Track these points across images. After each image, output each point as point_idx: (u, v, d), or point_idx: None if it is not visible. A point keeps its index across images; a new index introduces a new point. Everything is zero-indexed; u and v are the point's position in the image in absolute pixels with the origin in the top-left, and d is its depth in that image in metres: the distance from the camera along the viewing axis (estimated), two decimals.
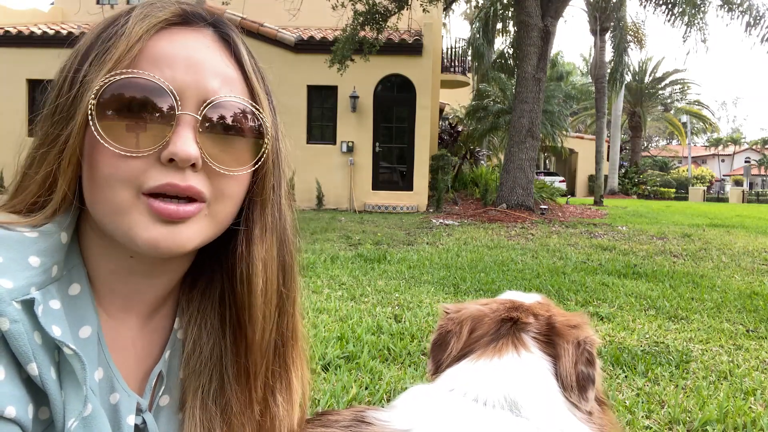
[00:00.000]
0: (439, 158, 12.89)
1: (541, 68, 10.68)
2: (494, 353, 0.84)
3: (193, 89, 0.56)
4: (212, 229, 0.59)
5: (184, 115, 0.55)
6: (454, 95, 19.44)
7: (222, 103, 0.57)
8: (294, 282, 0.68)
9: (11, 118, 11.93)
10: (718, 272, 5.01)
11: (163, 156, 0.53)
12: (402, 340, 2.65)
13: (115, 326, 0.62)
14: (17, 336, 0.47)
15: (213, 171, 0.57)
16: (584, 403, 0.79)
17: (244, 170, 0.60)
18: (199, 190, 0.55)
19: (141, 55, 0.55)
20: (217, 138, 0.57)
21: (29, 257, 0.51)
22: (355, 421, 0.74)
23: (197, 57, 0.57)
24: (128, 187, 0.53)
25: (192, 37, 0.59)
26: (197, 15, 0.61)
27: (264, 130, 0.61)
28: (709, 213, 14.44)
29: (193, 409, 0.65)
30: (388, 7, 10.97)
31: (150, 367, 0.66)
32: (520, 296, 1.00)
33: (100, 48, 0.55)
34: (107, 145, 0.52)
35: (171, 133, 0.54)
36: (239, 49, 0.62)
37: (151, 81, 0.54)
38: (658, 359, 2.51)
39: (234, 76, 0.60)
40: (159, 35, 0.57)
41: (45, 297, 0.51)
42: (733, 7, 11.70)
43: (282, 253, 0.65)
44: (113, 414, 0.59)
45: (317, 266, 4.67)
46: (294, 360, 0.70)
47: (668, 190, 30.55)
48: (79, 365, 0.51)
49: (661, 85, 35.87)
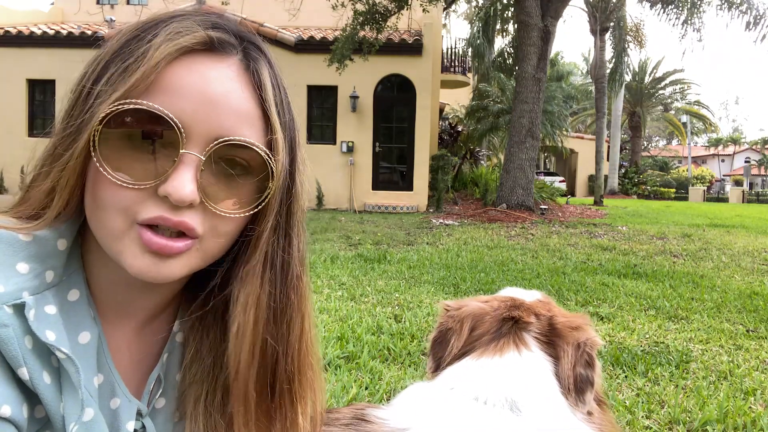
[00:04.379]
0: (439, 158, 12.89)
1: (541, 68, 10.68)
2: (495, 352, 0.84)
3: (203, 125, 0.54)
4: (200, 262, 0.58)
5: (188, 154, 0.53)
6: (454, 95, 19.43)
7: (231, 144, 0.55)
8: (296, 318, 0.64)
9: (11, 118, 11.94)
10: (718, 272, 5.01)
11: (159, 191, 0.52)
12: (402, 340, 2.65)
13: (111, 331, 0.62)
14: (6, 340, 0.47)
15: (210, 209, 0.55)
16: (581, 405, 0.79)
17: (243, 213, 0.58)
18: (191, 226, 0.54)
19: (156, 82, 0.53)
20: (221, 176, 0.56)
21: (17, 264, 0.51)
22: (355, 419, 0.74)
23: (214, 91, 0.54)
24: (122, 215, 0.53)
25: (213, 67, 0.56)
26: (225, 43, 0.57)
27: (271, 174, 0.58)
28: (709, 213, 14.44)
29: (195, 417, 0.65)
30: (388, 7, 10.97)
31: (146, 371, 0.65)
32: (521, 293, 1.00)
33: (119, 65, 0.53)
34: (105, 173, 0.52)
35: (171, 169, 0.52)
36: (264, 81, 0.59)
37: (159, 113, 0.52)
38: (658, 359, 2.51)
39: (252, 112, 0.57)
40: (179, 61, 0.54)
41: (39, 302, 0.51)
42: (732, 6, 11.71)
43: (274, 296, 0.61)
44: (113, 420, 0.59)
45: (317, 266, 4.67)
46: (302, 397, 0.66)
47: (668, 190, 30.54)
48: (72, 369, 0.51)
49: (661, 85, 35.88)
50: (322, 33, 12.52)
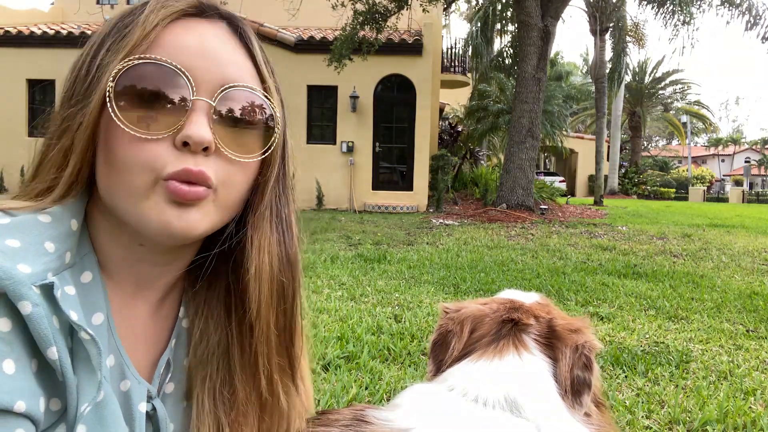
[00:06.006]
0: (439, 158, 12.89)
1: (541, 68, 10.68)
2: (495, 354, 0.84)
3: (208, 75, 0.57)
4: (219, 215, 0.60)
5: (199, 101, 0.56)
6: (454, 95, 19.43)
7: (235, 91, 0.59)
8: (296, 275, 0.68)
9: (11, 118, 11.94)
10: (718, 272, 5.01)
11: (177, 139, 0.55)
12: (402, 340, 2.65)
13: (126, 314, 0.62)
14: (39, 320, 0.47)
15: (222, 158, 0.58)
16: (578, 408, 0.79)
17: (254, 158, 0.61)
18: (207, 175, 0.56)
19: (156, 43, 0.56)
20: (229, 126, 0.59)
21: (45, 242, 0.52)
22: (355, 420, 0.74)
23: (212, 45, 0.59)
24: (147, 171, 0.54)
25: (206, 27, 0.60)
26: (212, 7, 0.62)
27: (274, 121, 0.63)
28: (709, 213, 14.44)
29: (201, 397, 0.66)
30: (388, 7, 10.97)
31: (157, 355, 0.67)
32: (520, 295, 1.00)
33: (116, 35, 0.57)
34: (124, 127, 0.53)
35: (186, 117, 0.55)
36: (252, 41, 0.63)
37: (168, 66, 0.55)
38: (658, 359, 2.51)
39: (246, 66, 0.62)
40: (174, 24, 0.58)
41: (61, 282, 0.52)
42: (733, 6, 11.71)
43: (283, 242, 0.66)
44: (125, 401, 0.60)
45: (317, 266, 4.67)
46: (299, 357, 0.71)
47: (668, 190, 30.53)
48: (95, 350, 0.52)
49: (661, 85, 35.86)
50: (322, 33, 12.52)
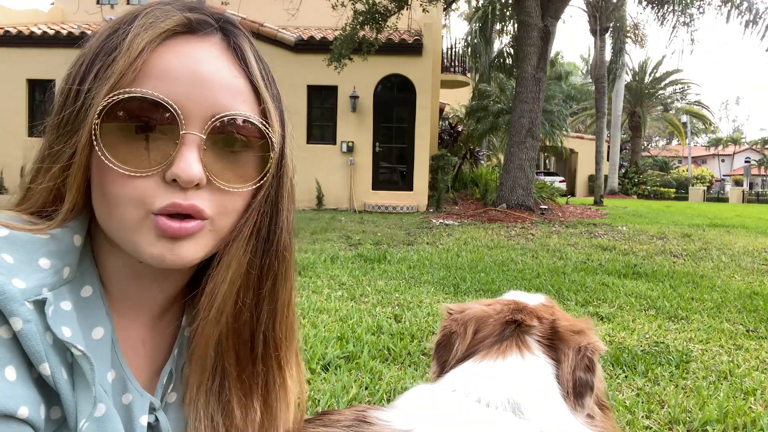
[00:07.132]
0: (439, 158, 12.89)
1: (541, 68, 10.68)
2: (498, 355, 0.84)
3: (199, 105, 0.55)
4: (215, 242, 0.59)
5: (189, 135, 0.54)
6: (454, 95, 19.42)
7: (228, 119, 0.56)
8: (283, 286, 0.66)
9: (11, 118, 11.93)
10: (718, 272, 5.01)
11: (167, 176, 0.53)
12: (402, 340, 2.65)
13: (126, 327, 0.62)
14: (30, 336, 0.47)
15: (216, 188, 0.56)
16: (580, 410, 0.79)
17: (249, 187, 0.59)
18: (200, 208, 0.55)
19: (145, 69, 0.54)
20: (223, 154, 0.57)
21: (39, 259, 0.51)
22: (357, 421, 0.73)
23: (203, 70, 0.56)
24: (137, 206, 0.53)
25: (198, 47, 0.57)
26: (203, 23, 0.59)
27: (270, 145, 0.60)
28: (709, 213, 14.44)
29: (197, 404, 0.66)
30: (388, 7, 10.96)
31: (159, 365, 0.66)
32: (524, 297, 0.99)
33: (103, 60, 0.54)
34: (112, 166, 0.52)
35: (175, 152, 0.53)
36: (248, 56, 0.60)
37: (155, 99, 0.53)
38: (658, 359, 2.51)
39: (242, 87, 0.59)
40: (163, 46, 0.55)
41: (56, 298, 0.51)
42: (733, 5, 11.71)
43: (262, 258, 0.62)
44: (126, 415, 0.60)
45: (317, 266, 4.66)
46: (288, 360, 0.70)
47: (668, 190, 30.55)
48: (87, 366, 0.51)
49: (661, 85, 35.87)
50: (321, 33, 12.51)
